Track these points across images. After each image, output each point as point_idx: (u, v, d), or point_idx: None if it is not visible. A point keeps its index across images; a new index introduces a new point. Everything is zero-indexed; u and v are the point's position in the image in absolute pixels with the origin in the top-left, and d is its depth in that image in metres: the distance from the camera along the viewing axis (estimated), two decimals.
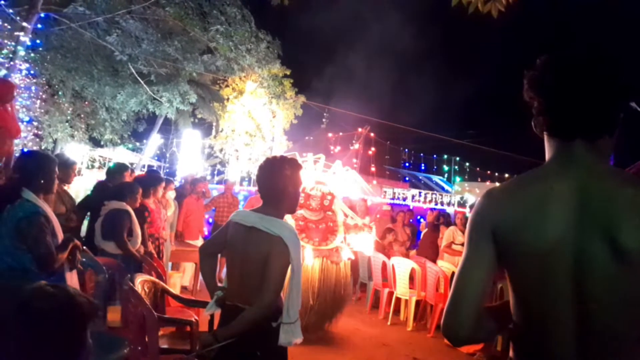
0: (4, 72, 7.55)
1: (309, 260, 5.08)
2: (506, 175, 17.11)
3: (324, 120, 16.25)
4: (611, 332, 1.09)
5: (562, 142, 1.19)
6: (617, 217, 1.06)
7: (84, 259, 3.31)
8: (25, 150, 7.43)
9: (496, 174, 18.19)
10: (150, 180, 5.13)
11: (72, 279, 2.72)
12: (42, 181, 2.63)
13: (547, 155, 1.24)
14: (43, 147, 10.48)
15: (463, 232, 7.31)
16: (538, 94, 1.20)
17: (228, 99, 13.35)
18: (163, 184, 5.29)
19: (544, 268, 1.12)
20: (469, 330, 1.20)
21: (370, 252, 6.31)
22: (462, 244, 6.96)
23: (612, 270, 1.05)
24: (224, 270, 2.81)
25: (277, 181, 2.26)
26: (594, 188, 1.11)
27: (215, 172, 15.37)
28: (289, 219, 5.31)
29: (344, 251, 5.33)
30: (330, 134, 15.59)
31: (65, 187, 4.44)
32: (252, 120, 13.28)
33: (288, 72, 13.24)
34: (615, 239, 1.04)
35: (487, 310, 1.28)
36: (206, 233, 7.72)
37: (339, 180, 5.70)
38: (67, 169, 4.14)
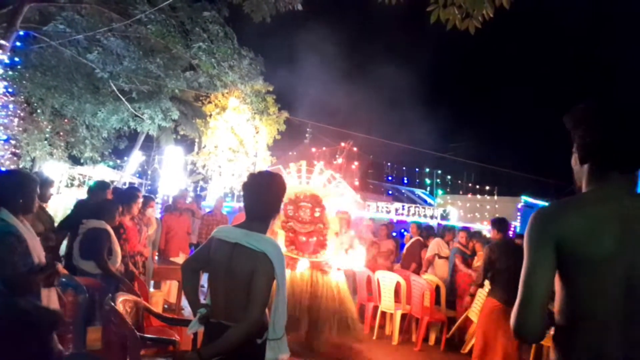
0: None
1: (304, 270, 5.06)
2: (487, 187, 17.31)
3: (307, 135, 16.32)
4: None
5: (605, 173, 1.43)
6: None
7: (63, 279, 3.24)
8: (3, 169, 7.28)
9: (477, 186, 18.41)
10: (125, 197, 4.93)
11: (49, 297, 2.63)
12: (21, 201, 2.58)
13: (587, 183, 1.48)
14: (21, 166, 10.29)
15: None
16: (593, 130, 1.43)
17: (211, 115, 13.33)
18: (139, 201, 5.06)
19: (600, 274, 1.36)
20: (542, 325, 1.39)
21: (362, 268, 6.26)
22: (447, 257, 6.88)
23: None
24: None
25: (263, 197, 2.26)
26: (636, 211, 1.37)
27: (198, 189, 15.22)
28: (279, 231, 5.29)
29: (333, 265, 5.32)
30: (313, 149, 15.65)
31: (44, 206, 4.36)
32: (235, 136, 13.27)
33: (271, 89, 13.30)
34: None
35: None
36: (191, 249, 7.62)
37: (333, 192, 5.61)
38: (44, 188, 4.07)
